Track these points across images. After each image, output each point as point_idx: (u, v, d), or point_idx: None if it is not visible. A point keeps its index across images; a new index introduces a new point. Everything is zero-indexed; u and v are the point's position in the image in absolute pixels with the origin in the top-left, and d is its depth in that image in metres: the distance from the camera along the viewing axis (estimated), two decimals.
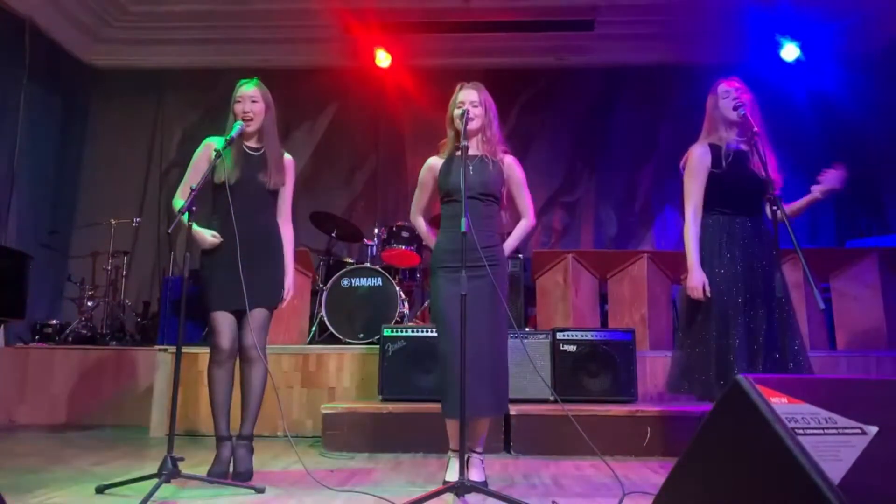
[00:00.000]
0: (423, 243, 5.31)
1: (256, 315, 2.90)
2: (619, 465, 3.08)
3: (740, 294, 2.83)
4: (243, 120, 2.97)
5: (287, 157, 3.12)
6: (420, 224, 3.20)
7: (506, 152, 2.97)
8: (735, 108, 2.91)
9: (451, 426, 2.81)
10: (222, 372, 2.92)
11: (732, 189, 2.93)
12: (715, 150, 2.97)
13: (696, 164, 2.98)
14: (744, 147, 2.96)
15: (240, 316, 2.91)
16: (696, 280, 2.89)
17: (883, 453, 1.41)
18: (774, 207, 2.66)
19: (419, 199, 3.13)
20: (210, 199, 3.03)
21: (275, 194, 3.06)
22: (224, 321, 2.91)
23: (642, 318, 4.73)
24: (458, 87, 2.96)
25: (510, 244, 2.98)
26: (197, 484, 2.76)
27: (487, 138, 2.92)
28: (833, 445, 1.40)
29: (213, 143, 2.94)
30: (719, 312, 2.85)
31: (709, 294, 2.86)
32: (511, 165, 2.95)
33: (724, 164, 2.93)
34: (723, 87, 2.98)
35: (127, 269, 6.39)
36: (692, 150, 3.02)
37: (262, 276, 2.92)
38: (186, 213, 2.71)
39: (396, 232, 5.27)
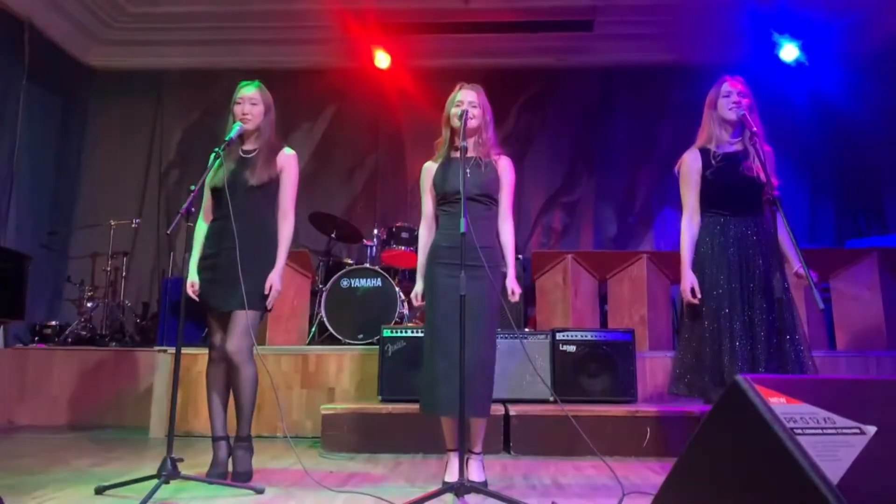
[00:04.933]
0: None
1: (239, 317, 2.86)
2: (619, 466, 3.08)
3: (736, 296, 2.83)
4: (241, 120, 2.97)
5: (287, 151, 3.07)
6: (421, 243, 3.01)
7: (500, 154, 2.97)
8: (731, 110, 2.91)
9: (446, 426, 2.81)
10: (216, 370, 2.94)
11: (725, 191, 2.93)
12: (705, 153, 2.98)
13: (688, 169, 3.00)
14: (737, 148, 2.96)
15: (227, 317, 2.90)
16: (686, 283, 2.91)
17: (882, 453, 1.41)
18: (774, 208, 2.66)
19: (425, 211, 3.02)
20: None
21: (265, 191, 2.99)
22: (216, 321, 2.94)
23: (642, 318, 4.73)
24: (457, 87, 2.95)
25: (511, 267, 2.90)
26: (196, 485, 2.76)
27: (483, 140, 2.93)
28: (832, 445, 1.40)
29: (217, 150, 2.95)
30: (713, 314, 2.85)
31: (699, 296, 2.87)
32: (506, 167, 2.95)
33: (713, 164, 2.93)
34: (726, 86, 2.97)
35: (126, 270, 6.39)
36: (684, 156, 3.04)
37: (248, 279, 2.84)
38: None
39: (396, 232, 5.28)
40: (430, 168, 2.99)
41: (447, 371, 2.64)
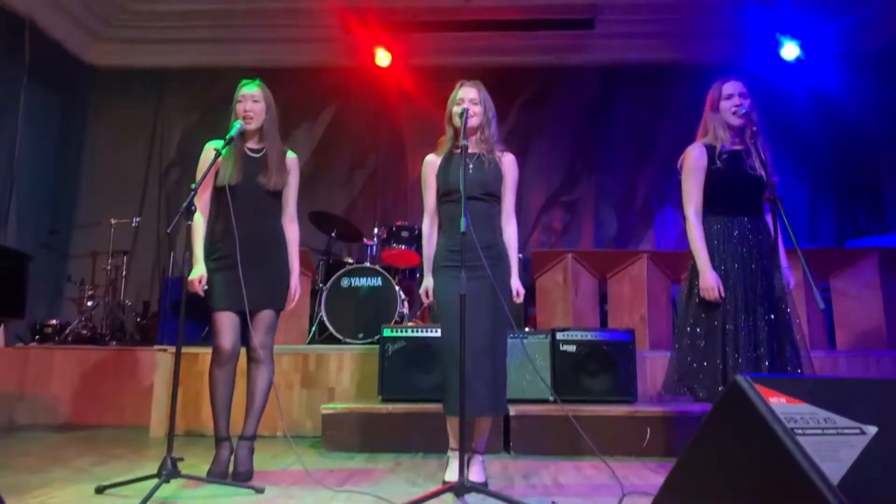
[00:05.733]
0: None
1: (264, 316, 2.92)
2: (619, 466, 3.08)
3: (739, 295, 2.83)
4: (244, 119, 2.97)
5: (291, 155, 3.11)
6: (426, 238, 2.99)
7: (504, 151, 2.97)
8: (734, 114, 2.91)
9: (452, 425, 2.81)
10: (223, 373, 2.91)
11: (729, 189, 2.92)
12: (710, 150, 2.97)
13: (693, 164, 2.97)
14: (739, 148, 2.96)
15: (244, 317, 2.90)
16: (710, 281, 2.84)
17: (882, 453, 1.41)
18: (775, 208, 2.66)
19: (428, 205, 3.00)
20: (215, 202, 3.02)
21: (277, 195, 3.05)
22: (226, 322, 2.89)
23: (642, 317, 4.73)
24: (458, 85, 2.95)
25: (515, 267, 2.91)
26: (197, 484, 2.76)
27: (486, 137, 2.92)
28: (832, 445, 1.40)
29: (215, 146, 2.95)
30: (719, 315, 2.84)
31: (723, 294, 2.84)
32: (509, 164, 2.95)
33: (718, 163, 2.93)
34: (727, 88, 2.96)
35: (127, 269, 6.38)
36: (688, 150, 3.02)
37: (267, 278, 2.93)
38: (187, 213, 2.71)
39: (396, 232, 5.27)
40: (432, 162, 2.99)
41: (469, 373, 2.64)
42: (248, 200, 2.93)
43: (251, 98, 3.01)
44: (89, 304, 5.96)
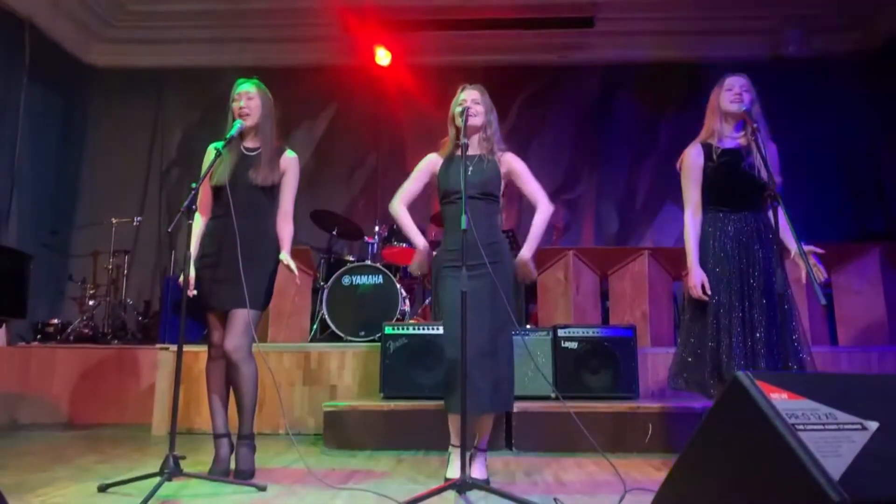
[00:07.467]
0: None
1: (237, 316, 2.86)
2: (621, 462, 3.08)
3: (735, 291, 2.84)
4: (240, 117, 2.97)
5: (290, 154, 3.09)
6: (400, 213, 3.04)
7: (503, 150, 2.98)
8: (733, 102, 2.91)
9: (454, 422, 2.82)
10: (215, 367, 2.95)
11: (726, 186, 2.93)
12: (707, 148, 2.98)
13: (691, 165, 2.99)
14: (739, 143, 2.96)
15: (226, 316, 2.91)
16: (696, 279, 2.90)
17: (883, 449, 1.41)
18: (775, 203, 2.66)
19: (407, 188, 3.05)
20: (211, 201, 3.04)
21: (269, 192, 3.01)
22: (214, 318, 2.95)
23: (643, 314, 4.73)
24: (461, 88, 2.98)
25: (532, 241, 2.94)
26: (199, 482, 2.76)
27: (487, 137, 2.94)
28: (833, 441, 1.40)
29: (216, 147, 2.96)
30: (712, 310, 2.86)
31: (709, 293, 2.86)
32: (509, 161, 2.97)
33: (714, 159, 2.93)
34: (729, 80, 2.98)
35: (128, 269, 6.39)
36: (686, 151, 3.04)
37: (248, 277, 2.81)
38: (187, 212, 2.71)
39: (397, 230, 5.28)
40: (434, 160, 3.02)
41: (471, 370, 2.64)
42: (239, 199, 2.89)
43: (246, 96, 3.01)
44: (91, 303, 5.97)
